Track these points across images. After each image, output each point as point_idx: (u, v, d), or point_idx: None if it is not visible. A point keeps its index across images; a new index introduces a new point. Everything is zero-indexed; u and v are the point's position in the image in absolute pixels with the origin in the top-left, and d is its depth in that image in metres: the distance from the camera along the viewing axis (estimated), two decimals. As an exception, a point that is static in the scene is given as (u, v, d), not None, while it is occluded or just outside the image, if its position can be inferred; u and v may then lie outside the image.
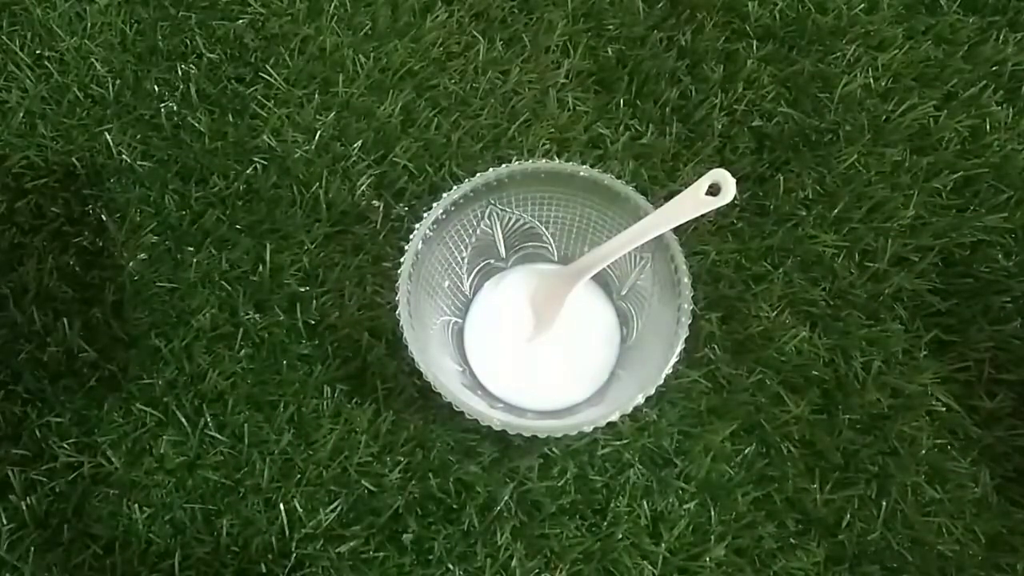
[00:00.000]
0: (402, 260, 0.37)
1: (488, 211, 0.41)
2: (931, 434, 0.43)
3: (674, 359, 0.35)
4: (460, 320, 0.42)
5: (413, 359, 0.35)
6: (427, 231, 0.38)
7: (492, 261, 0.43)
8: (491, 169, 0.38)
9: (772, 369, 0.43)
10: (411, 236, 0.37)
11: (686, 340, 0.36)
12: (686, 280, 0.37)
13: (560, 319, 0.41)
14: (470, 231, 0.41)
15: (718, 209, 0.35)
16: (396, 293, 0.36)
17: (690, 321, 0.36)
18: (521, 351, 0.42)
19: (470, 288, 0.43)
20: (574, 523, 0.41)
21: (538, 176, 0.39)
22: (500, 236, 0.42)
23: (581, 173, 0.39)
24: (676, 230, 0.37)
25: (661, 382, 0.35)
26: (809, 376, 0.43)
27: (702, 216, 0.35)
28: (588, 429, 0.35)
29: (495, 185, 0.39)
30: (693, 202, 0.35)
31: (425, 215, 0.38)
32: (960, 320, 0.45)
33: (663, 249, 0.38)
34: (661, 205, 0.36)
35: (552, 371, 0.41)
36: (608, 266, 0.40)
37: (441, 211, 0.38)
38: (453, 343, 0.42)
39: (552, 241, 0.43)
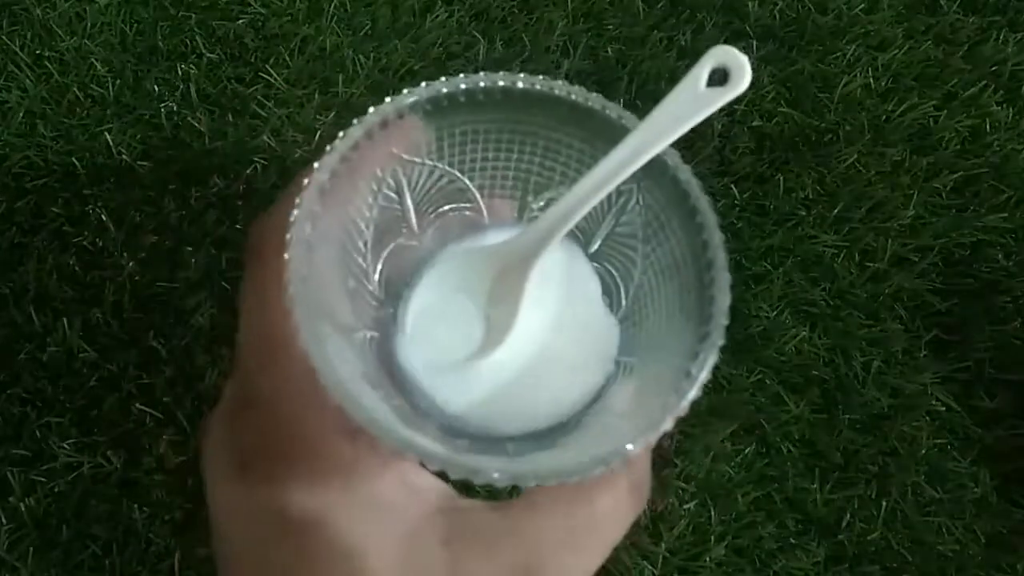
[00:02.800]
0: (288, 257, 0.23)
1: (390, 166, 0.28)
2: (931, 434, 0.43)
3: (715, 346, 0.23)
4: (377, 333, 0.29)
5: (331, 393, 0.22)
6: (314, 206, 0.24)
7: (402, 240, 0.30)
8: (388, 100, 0.26)
9: (772, 369, 0.43)
10: (292, 218, 0.24)
11: (729, 315, 0.24)
12: (705, 206, 0.25)
13: (521, 310, 0.28)
14: (369, 200, 0.28)
15: (726, 110, 0.28)
16: (291, 309, 0.23)
17: (726, 266, 0.24)
18: (477, 367, 0.28)
19: (380, 285, 0.29)
20: (574, 523, 0.41)
21: (455, 101, 0.27)
22: (410, 201, 0.29)
23: (519, 85, 0.26)
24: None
25: (699, 387, 0.23)
26: (809, 376, 0.43)
27: (710, 121, 0.27)
28: (626, 453, 0.22)
29: (395, 124, 0.26)
30: (693, 99, 0.25)
31: (306, 184, 0.25)
32: (960, 320, 0.45)
33: (656, 173, 0.26)
34: (643, 116, 0.26)
35: (527, 383, 0.28)
36: None
37: (328, 174, 0.25)
38: (376, 366, 0.28)
39: (480, 197, 0.30)
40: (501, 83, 0.26)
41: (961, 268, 0.46)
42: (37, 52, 0.49)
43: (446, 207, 0.30)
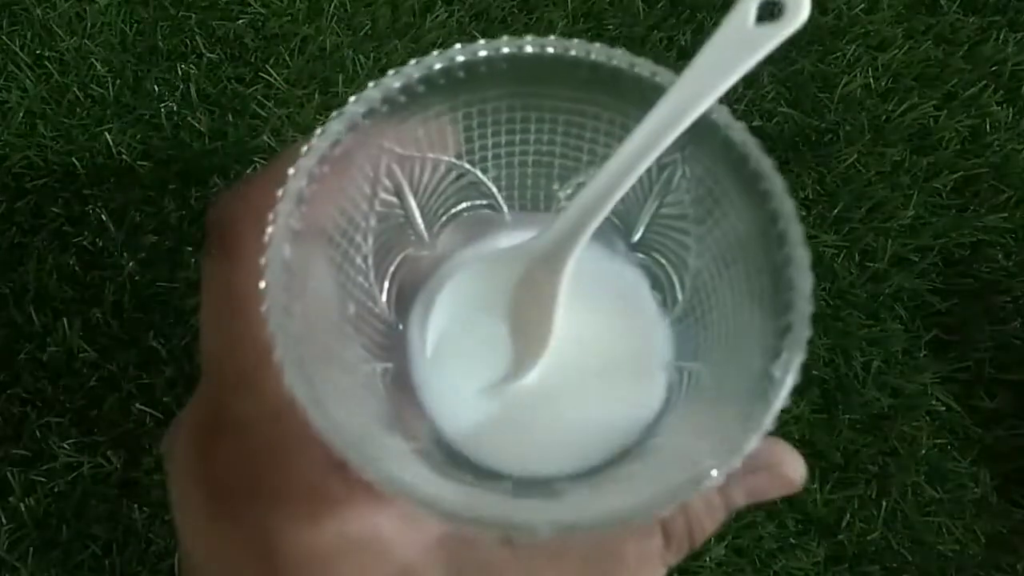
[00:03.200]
0: (263, 284, 0.19)
1: (383, 163, 0.23)
2: (931, 434, 0.43)
3: (806, 332, 0.19)
4: (390, 364, 0.24)
5: (335, 449, 0.18)
6: (292, 222, 0.20)
7: (411, 251, 0.25)
8: (371, 84, 0.21)
9: (772, 369, 0.43)
10: (268, 235, 0.20)
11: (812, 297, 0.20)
12: (768, 168, 0.21)
13: (556, 323, 0.24)
14: (364, 207, 0.23)
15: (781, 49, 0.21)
16: (273, 343, 0.19)
17: (803, 239, 0.20)
18: (510, 395, 0.24)
19: (389, 306, 0.25)
20: (574, 523, 0.41)
21: (455, 78, 0.22)
22: (413, 203, 0.24)
23: (527, 49, 0.21)
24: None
25: (794, 375, 0.19)
26: (809, 376, 0.43)
27: (765, 64, 0.21)
28: (713, 482, 0.18)
29: (385, 112, 0.21)
30: (741, 39, 0.21)
31: (280, 194, 0.20)
32: (960, 320, 0.45)
33: (704, 137, 0.21)
34: (688, 75, 0.21)
35: (573, 407, 0.24)
36: None
37: (305, 180, 0.20)
38: (393, 407, 0.23)
39: (498, 190, 0.25)
40: (506, 49, 0.21)
41: (961, 268, 0.46)
42: (37, 52, 0.49)
43: (459, 206, 0.25)
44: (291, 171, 0.20)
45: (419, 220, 0.25)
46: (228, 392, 0.20)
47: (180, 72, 0.48)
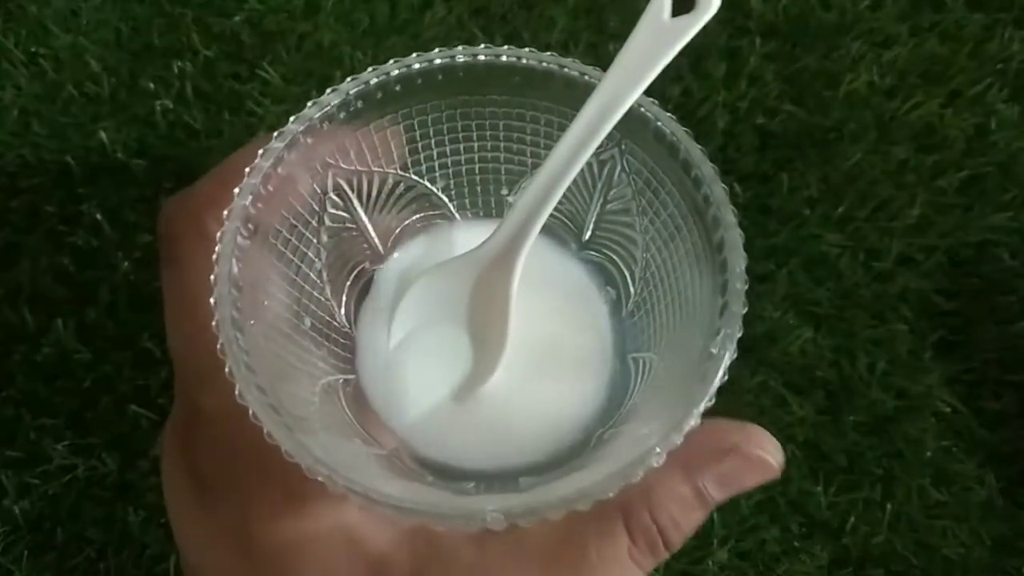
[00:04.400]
0: (212, 300, 0.20)
1: (329, 178, 0.24)
2: (937, 436, 0.42)
3: (739, 311, 0.21)
4: (351, 376, 0.25)
5: (289, 458, 0.19)
6: (239, 240, 0.21)
7: (367, 264, 0.26)
8: (311, 104, 0.22)
9: (776, 370, 0.43)
10: (215, 257, 0.20)
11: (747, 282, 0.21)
12: (698, 155, 0.22)
13: (511, 324, 0.24)
14: (314, 224, 0.24)
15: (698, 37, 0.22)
16: (225, 367, 0.19)
17: (735, 220, 0.22)
18: (471, 398, 0.25)
19: (348, 319, 0.26)
20: (575, 526, 0.40)
21: (391, 92, 0.23)
22: (363, 216, 0.25)
23: (459, 59, 0.22)
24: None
25: (732, 351, 0.20)
26: (813, 377, 0.43)
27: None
28: (657, 461, 0.19)
29: (325, 131, 0.22)
30: (658, 33, 0.21)
31: (226, 215, 0.21)
32: (966, 321, 0.44)
33: (637, 130, 0.23)
34: (612, 72, 0.22)
35: (531, 404, 0.25)
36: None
37: (249, 198, 0.21)
38: (351, 415, 0.24)
39: (448, 197, 0.26)
40: (439, 61, 0.22)
41: (967, 268, 0.45)
42: (32, 49, 0.49)
43: (412, 218, 0.26)
44: (236, 191, 0.21)
45: (372, 233, 0.26)
46: (193, 388, 0.22)
47: (175, 69, 0.48)
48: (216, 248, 0.20)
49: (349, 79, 0.23)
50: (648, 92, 0.23)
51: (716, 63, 0.49)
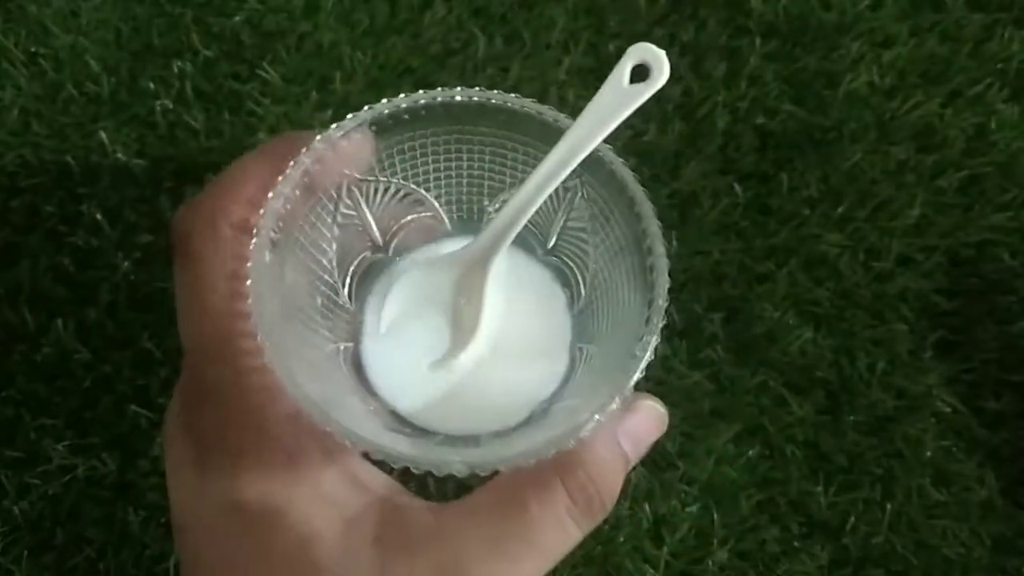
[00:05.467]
0: (248, 285, 0.25)
1: (344, 185, 0.29)
2: (937, 436, 0.42)
3: (658, 319, 0.25)
4: (351, 343, 0.31)
5: (299, 406, 0.24)
6: (271, 234, 0.26)
7: (368, 254, 0.32)
8: (333, 127, 0.28)
9: (776, 370, 0.43)
10: (252, 245, 0.25)
11: (669, 292, 0.26)
12: (640, 195, 0.27)
13: (484, 313, 0.30)
14: (328, 220, 0.29)
15: (649, 102, 0.27)
16: (255, 332, 0.24)
17: (664, 249, 0.26)
18: (446, 371, 0.30)
19: (351, 298, 0.31)
20: (575, 526, 0.40)
21: (399, 120, 0.28)
22: (369, 216, 0.31)
23: (456, 98, 0.28)
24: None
25: (651, 353, 0.25)
26: (813, 377, 0.43)
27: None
28: (586, 432, 0.24)
29: (342, 148, 0.28)
30: (618, 96, 0.27)
31: (263, 213, 0.26)
32: (966, 320, 0.44)
33: (595, 168, 0.28)
34: (579, 123, 0.27)
35: (496, 380, 0.30)
36: None
37: (282, 201, 0.26)
38: (355, 377, 0.30)
39: (440, 206, 0.32)
40: (440, 99, 0.28)
41: (967, 268, 0.45)
42: (32, 49, 0.49)
43: (407, 218, 0.32)
44: (271, 195, 0.26)
45: (374, 229, 0.31)
46: (201, 363, 0.25)
47: (175, 69, 0.48)
48: (253, 241, 0.25)
49: (366, 107, 0.28)
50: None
51: (716, 63, 0.49)
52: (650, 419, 0.25)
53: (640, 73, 0.27)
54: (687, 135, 0.48)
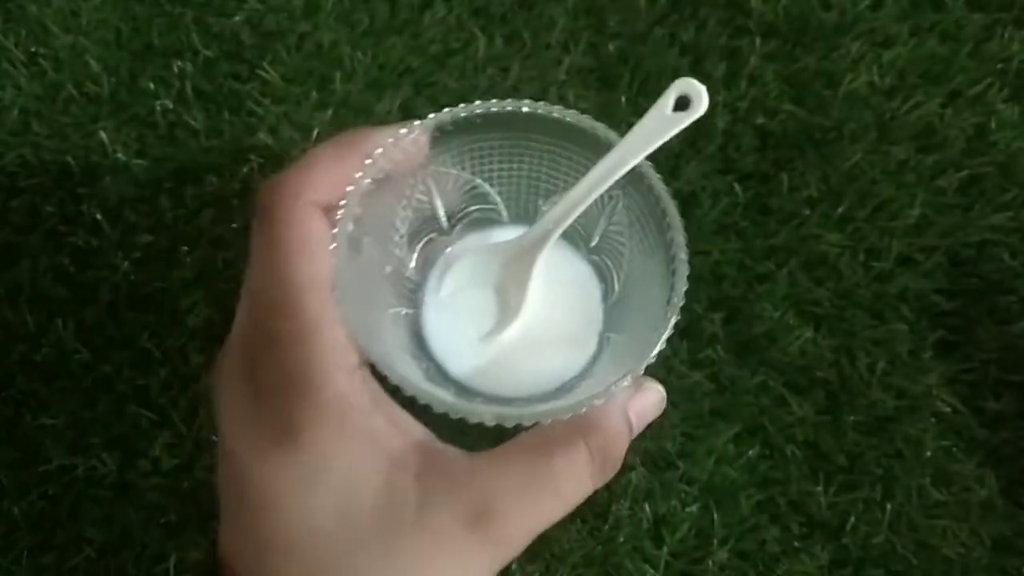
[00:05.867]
0: (333, 247, 0.30)
1: (421, 177, 0.34)
2: (937, 436, 0.42)
3: (674, 316, 0.29)
4: (412, 310, 0.36)
5: (366, 355, 0.28)
6: (355, 210, 0.31)
7: (435, 235, 0.36)
8: (416, 123, 0.32)
9: (776, 370, 0.43)
10: (338, 217, 0.30)
11: (685, 292, 0.30)
12: (672, 209, 0.31)
13: (529, 296, 0.35)
14: (404, 203, 0.35)
15: (691, 126, 0.31)
16: (335, 288, 0.29)
17: (686, 257, 0.30)
18: (491, 342, 0.35)
19: (416, 271, 0.36)
20: (575, 526, 0.40)
21: (473, 123, 0.33)
22: (439, 204, 0.36)
23: (524, 109, 0.33)
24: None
25: (663, 343, 0.29)
26: (813, 377, 0.43)
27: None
28: (600, 401, 0.28)
29: (419, 142, 0.33)
30: (661, 121, 0.31)
31: (349, 191, 0.31)
32: (966, 320, 0.44)
33: (636, 181, 0.32)
34: (624, 133, 0.31)
35: (533, 355, 0.35)
36: None
37: (368, 181, 0.31)
38: (409, 337, 0.35)
39: (500, 200, 0.37)
40: (509, 108, 0.32)
41: (967, 268, 0.45)
42: (32, 49, 0.49)
43: (471, 208, 0.37)
44: (358, 175, 0.30)
45: (442, 215, 0.36)
46: (270, 315, 0.27)
47: (175, 69, 0.48)
48: (339, 213, 0.30)
49: (446, 109, 0.32)
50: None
51: (716, 63, 0.49)
52: (654, 399, 0.28)
53: (682, 103, 0.31)
54: (687, 135, 0.47)
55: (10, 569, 0.39)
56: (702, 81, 0.28)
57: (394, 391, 0.28)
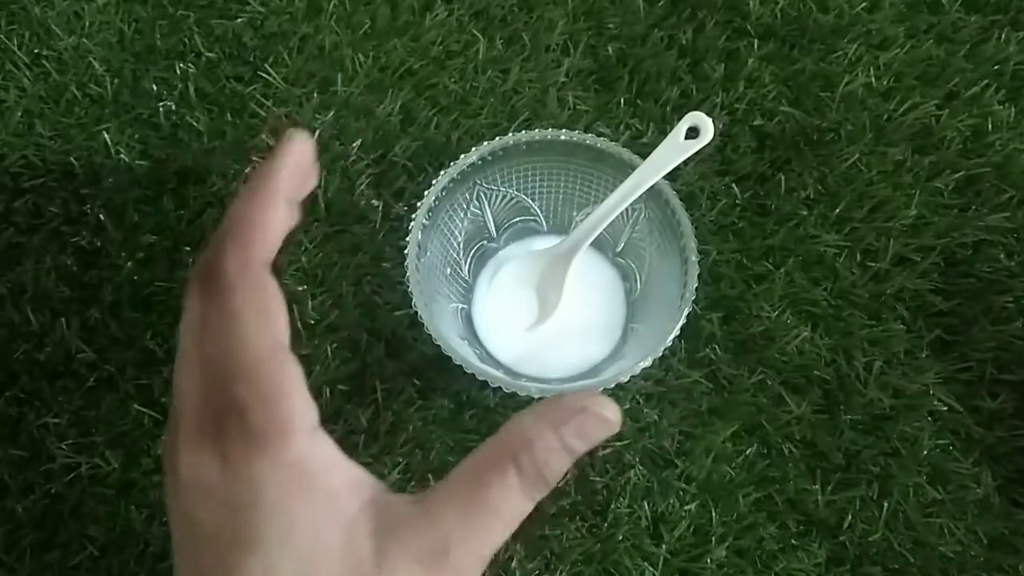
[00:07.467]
0: (406, 252, 0.37)
1: (475, 192, 0.41)
2: (933, 435, 0.42)
3: (687, 308, 0.36)
4: (466, 305, 0.43)
5: (434, 339, 0.36)
6: (424, 220, 0.38)
7: (485, 242, 0.44)
8: (473, 149, 0.39)
9: (773, 369, 0.43)
10: (410, 226, 0.38)
11: (695, 291, 0.36)
12: (685, 220, 0.38)
13: (564, 294, 0.42)
14: (461, 215, 0.42)
15: (701, 152, 0.37)
16: (406, 285, 0.37)
17: (698, 259, 0.37)
18: (533, 333, 0.42)
19: (469, 272, 0.44)
20: (574, 524, 0.40)
21: (519, 148, 0.40)
22: (490, 215, 0.43)
23: (561, 138, 0.40)
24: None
25: (678, 330, 0.36)
26: (811, 376, 0.43)
27: (690, 160, 0.38)
28: (624, 379, 0.35)
29: (479, 164, 0.40)
30: (675, 148, 0.37)
31: (419, 204, 0.38)
32: (962, 320, 0.45)
33: (655, 196, 0.39)
34: (646, 155, 0.38)
35: (567, 343, 0.42)
36: None
37: (433, 198, 0.39)
38: (464, 328, 0.42)
39: (540, 212, 0.44)
40: (549, 136, 0.40)
41: (963, 268, 0.46)
42: (35, 51, 0.49)
43: (516, 219, 0.44)
44: (427, 192, 0.39)
45: (491, 225, 0.44)
46: (228, 382, 0.26)
47: (178, 71, 0.48)
48: (411, 224, 0.38)
49: (497, 138, 0.40)
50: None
51: (714, 65, 0.49)
52: (595, 423, 0.28)
53: (692, 132, 0.37)
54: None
55: (14, 567, 0.39)
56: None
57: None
